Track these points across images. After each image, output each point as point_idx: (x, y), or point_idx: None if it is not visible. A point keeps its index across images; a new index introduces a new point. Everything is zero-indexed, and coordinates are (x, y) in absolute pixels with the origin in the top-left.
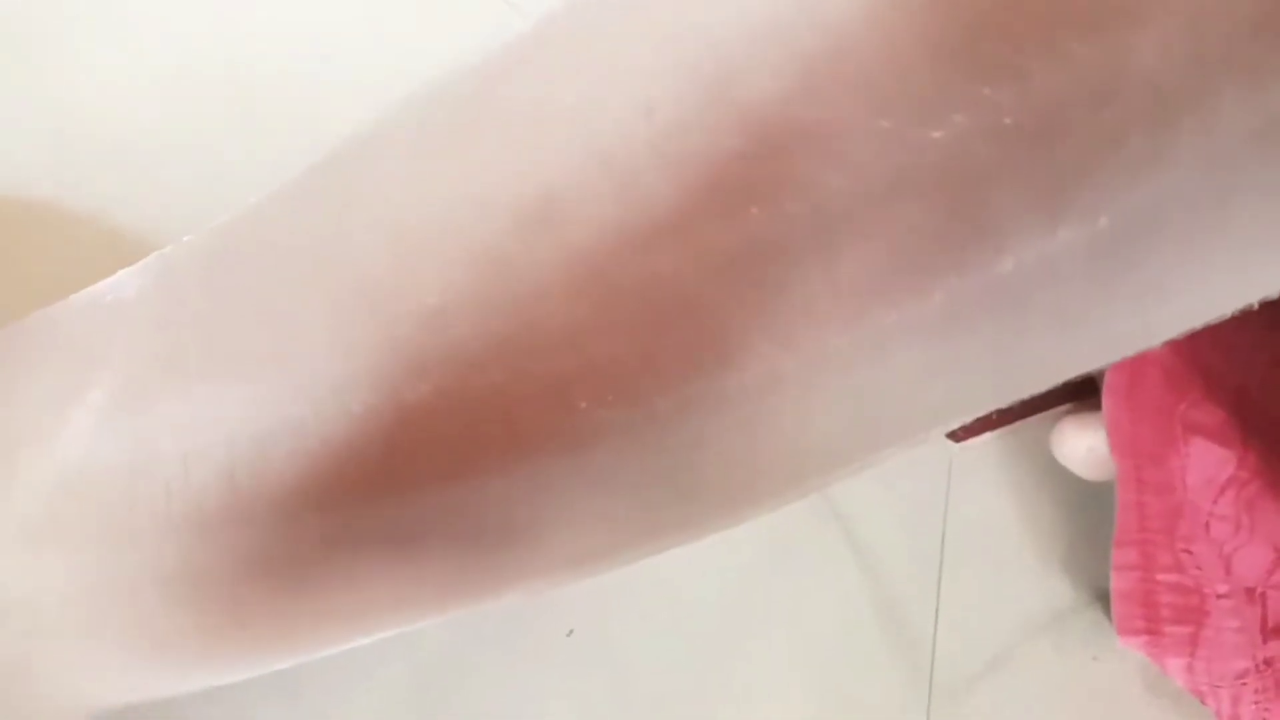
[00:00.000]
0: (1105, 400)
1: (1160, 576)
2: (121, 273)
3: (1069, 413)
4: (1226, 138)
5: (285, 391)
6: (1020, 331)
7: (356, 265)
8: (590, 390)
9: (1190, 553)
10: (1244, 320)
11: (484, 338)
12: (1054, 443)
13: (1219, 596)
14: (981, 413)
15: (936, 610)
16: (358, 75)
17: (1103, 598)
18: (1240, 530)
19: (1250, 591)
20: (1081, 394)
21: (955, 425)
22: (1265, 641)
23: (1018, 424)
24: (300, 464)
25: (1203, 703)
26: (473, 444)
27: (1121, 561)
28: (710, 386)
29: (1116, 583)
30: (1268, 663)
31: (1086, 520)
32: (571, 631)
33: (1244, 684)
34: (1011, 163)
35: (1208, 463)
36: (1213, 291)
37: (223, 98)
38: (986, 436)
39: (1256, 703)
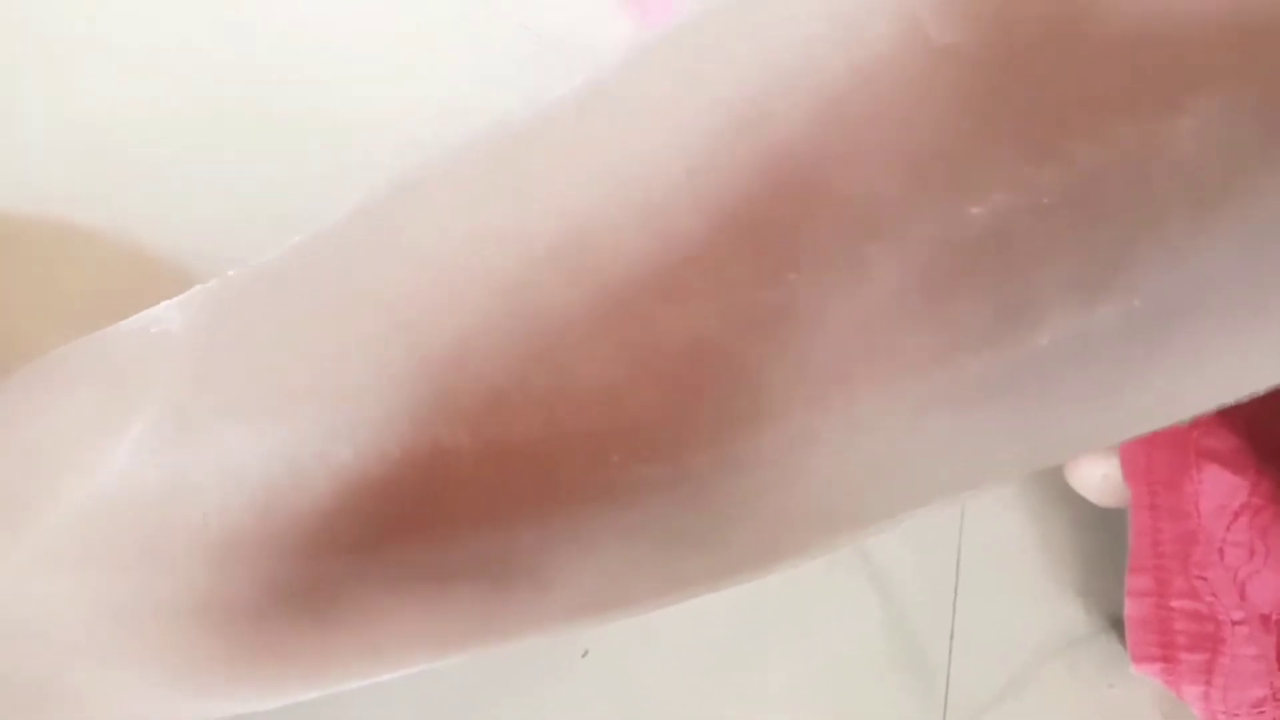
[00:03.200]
0: None
1: (1175, 603)
2: (165, 304)
3: None
4: (1265, 224)
5: (325, 430)
6: (1053, 405)
7: (399, 309)
8: (626, 445)
9: (1205, 579)
10: None
11: (522, 388)
12: (1068, 469)
13: (1235, 623)
14: (1010, 480)
15: (951, 636)
16: (379, 100)
17: (1118, 624)
18: (1254, 556)
19: (1265, 619)
20: None
21: (983, 491)
22: None
23: None
24: (336, 501)
25: None
26: (506, 492)
27: (1135, 588)
28: (745, 446)
29: (1130, 609)
30: None
31: (1101, 546)
32: (586, 652)
33: (1261, 712)
34: (1050, 240)
35: (1221, 489)
36: (1248, 371)
37: (241, 115)
38: None
39: None
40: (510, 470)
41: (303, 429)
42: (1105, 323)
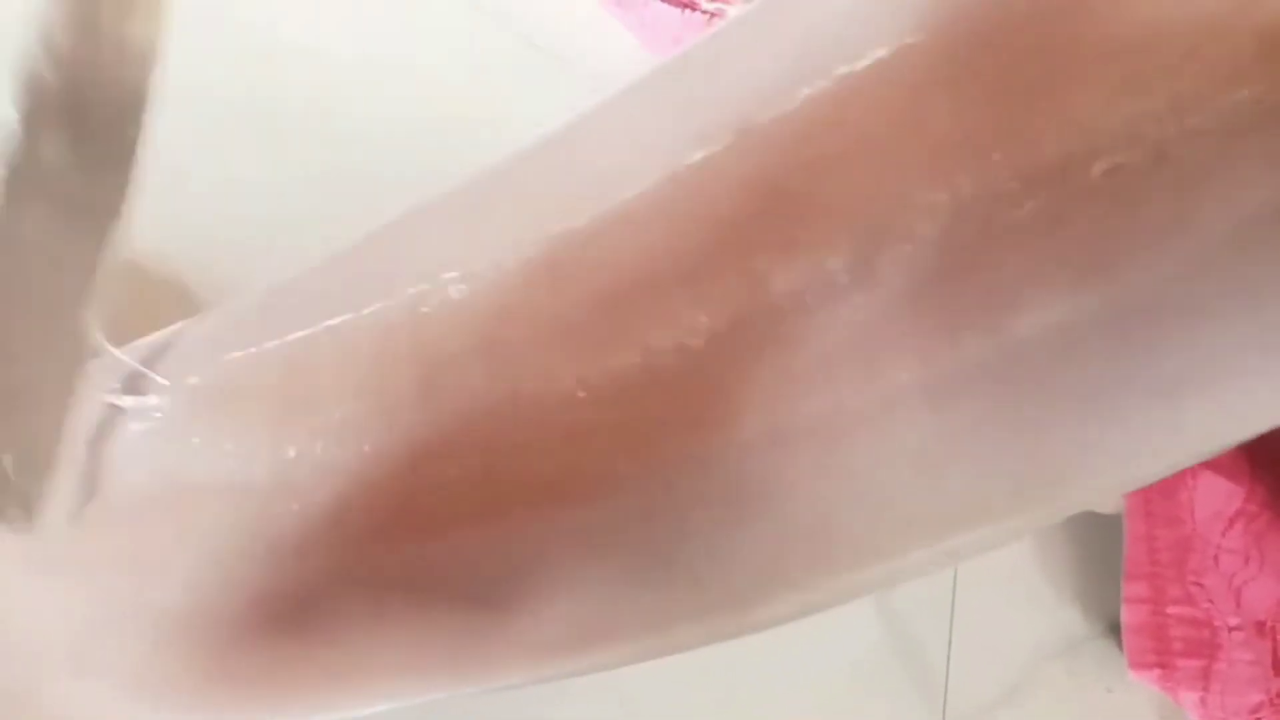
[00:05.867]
0: None
1: (1171, 609)
2: (183, 322)
3: None
4: (1250, 212)
5: (318, 436)
6: (1040, 408)
7: (399, 317)
8: (602, 442)
9: (1201, 585)
10: None
11: (502, 386)
12: None
13: (1231, 629)
14: (1002, 523)
15: (949, 641)
16: (380, 107)
17: (1115, 629)
18: (1250, 563)
19: (1261, 625)
20: None
21: (976, 535)
22: (1278, 675)
23: None
24: (322, 506)
25: None
26: (487, 490)
27: (1132, 594)
28: (719, 443)
29: (1127, 616)
30: None
31: (1099, 552)
32: None
33: (1259, 718)
34: (1023, 223)
35: (1216, 495)
36: (1246, 391)
37: (243, 124)
38: None
39: None
40: (491, 468)
41: (297, 435)
42: (1087, 311)
